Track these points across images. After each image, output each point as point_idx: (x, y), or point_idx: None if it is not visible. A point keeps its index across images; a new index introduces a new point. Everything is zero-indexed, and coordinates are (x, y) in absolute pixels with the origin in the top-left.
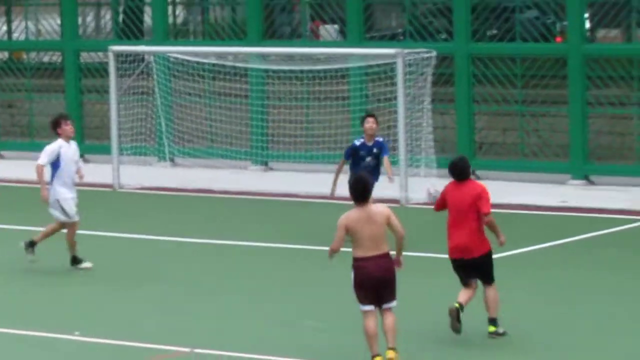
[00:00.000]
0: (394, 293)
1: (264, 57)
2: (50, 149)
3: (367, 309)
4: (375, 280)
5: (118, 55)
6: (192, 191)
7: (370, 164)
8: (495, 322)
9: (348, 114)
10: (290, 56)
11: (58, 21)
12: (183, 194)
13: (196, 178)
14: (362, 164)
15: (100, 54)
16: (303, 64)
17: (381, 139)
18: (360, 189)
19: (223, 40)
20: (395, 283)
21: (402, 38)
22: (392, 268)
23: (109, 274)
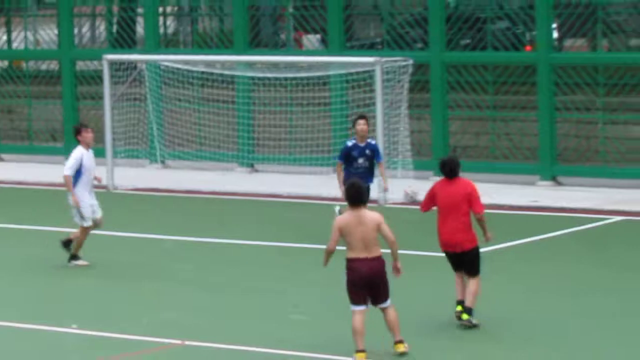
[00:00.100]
0: (387, 293)
1: (250, 65)
2: (74, 158)
3: (356, 309)
4: (366, 280)
5: (112, 63)
6: (182, 192)
7: (362, 166)
8: (470, 312)
9: (329, 119)
10: (275, 64)
11: (55, 31)
12: (174, 195)
13: (186, 179)
14: (355, 165)
15: (95, 63)
16: (287, 72)
17: (374, 142)
18: (353, 194)
19: (211, 49)
20: (387, 283)
21: (381, 47)
22: (383, 270)
23: (105, 270)
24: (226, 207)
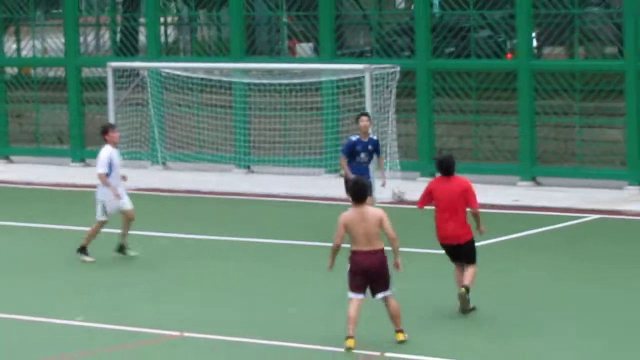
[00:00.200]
0: (387, 283)
1: (246, 72)
2: (104, 157)
3: (353, 297)
4: (366, 270)
5: (116, 70)
6: (182, 192)
7: (364, 160)
8: (467, 290)
9: (321, 123)
10: (269, 71)
11: (62, 40)
12: (174, 195)
13: (186, 180)
14: (358, 159)
15: (99, 69)
16: (281, 78)
17: (375, 137)
18: (357, 191)
19: (209, 56)
20: (387, 275)
21: (370, 55)
22: (383, 262)
23: (109, 266)
24: (224, 206)
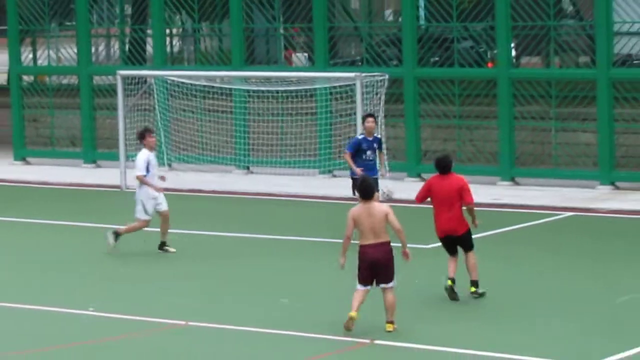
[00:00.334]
0: (391, 275)
1: (246, 80)
2: (142, 160)
3: (360, 289)
4: (372, 262)
5: (125, 78)
6: (187, 191)
7: (370, 157)
8: (476, 284)
9: (315, 127)
10: (267, 79)
11: (74, 50)
12: (179, 193)
13: (189, 180)
14: (364, 157)
15: (109, 77)
16: (278, 85)
17: (379, 136)
18: (364, 189)
19: (212, 65)
20: (392, 267)
21: (360, 64)
22: (389, 254)
23: (118, 260)
24: (225, 205)
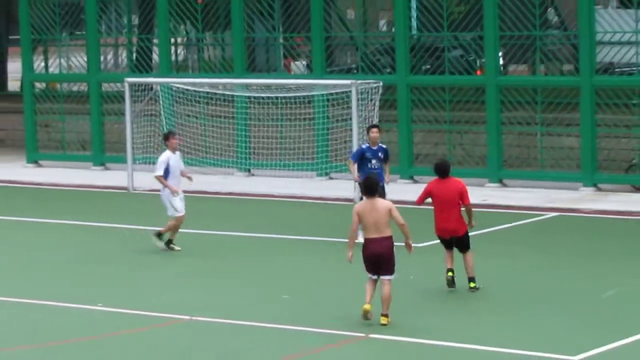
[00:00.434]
0: (391, 268)
1: (247, 87)
2: (161, 161)
3: (370, 277)
4: (375, 255)
5: (132, 85)
6: (191, 192)
7: (375, 167)
8: (473, 280)
9: (313, 132)
10: (268, 86)
11: (84, 58)
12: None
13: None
14: (369, 166)
15: (118, 84)
16: (278, 92)
17: (384, 146)
18: (368, 185)
19: (215, 73)
20: (392, 260)
21: (356, 72)
22: (391, 248)
23: (126, 258)
24: (227, 205)
